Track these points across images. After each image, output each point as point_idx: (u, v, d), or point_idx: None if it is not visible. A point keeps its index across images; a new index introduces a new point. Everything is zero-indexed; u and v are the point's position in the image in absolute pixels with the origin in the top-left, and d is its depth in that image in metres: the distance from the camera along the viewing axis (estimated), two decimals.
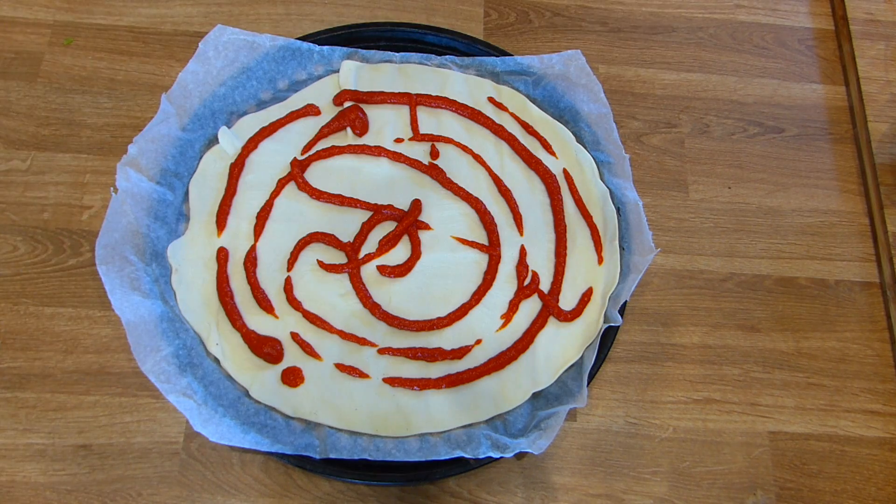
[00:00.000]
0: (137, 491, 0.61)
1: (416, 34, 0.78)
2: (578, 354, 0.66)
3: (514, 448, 0.60)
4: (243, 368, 0.63)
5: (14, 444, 0.61)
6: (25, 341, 0.64)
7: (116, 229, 0.64)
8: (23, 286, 0.66)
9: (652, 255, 0.67)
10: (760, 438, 0.68)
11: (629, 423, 0.67)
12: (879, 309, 0.74)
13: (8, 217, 0.69)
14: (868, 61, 0.84)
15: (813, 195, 0.79)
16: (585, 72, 0.75)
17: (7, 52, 0.75)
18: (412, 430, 0.62)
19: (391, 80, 0.75)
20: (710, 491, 0.66)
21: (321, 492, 0.62)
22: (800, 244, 0.76)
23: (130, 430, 0.63)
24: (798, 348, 0.72)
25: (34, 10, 0.77)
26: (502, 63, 0.76)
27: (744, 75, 0.84)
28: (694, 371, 0.70)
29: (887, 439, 0.69)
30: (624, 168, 0.72)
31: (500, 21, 0.83)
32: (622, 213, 0.71)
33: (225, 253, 0.67)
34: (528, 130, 0.75)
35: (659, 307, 0.72)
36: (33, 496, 0.60)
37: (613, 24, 0.84)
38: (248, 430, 0.60)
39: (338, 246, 0.69)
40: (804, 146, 0.81)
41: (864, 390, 0.71)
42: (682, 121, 0.81)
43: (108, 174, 0.71)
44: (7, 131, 0.71)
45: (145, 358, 0.60)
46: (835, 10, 0.88)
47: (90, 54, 0.75)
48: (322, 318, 0.66)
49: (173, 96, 0.69)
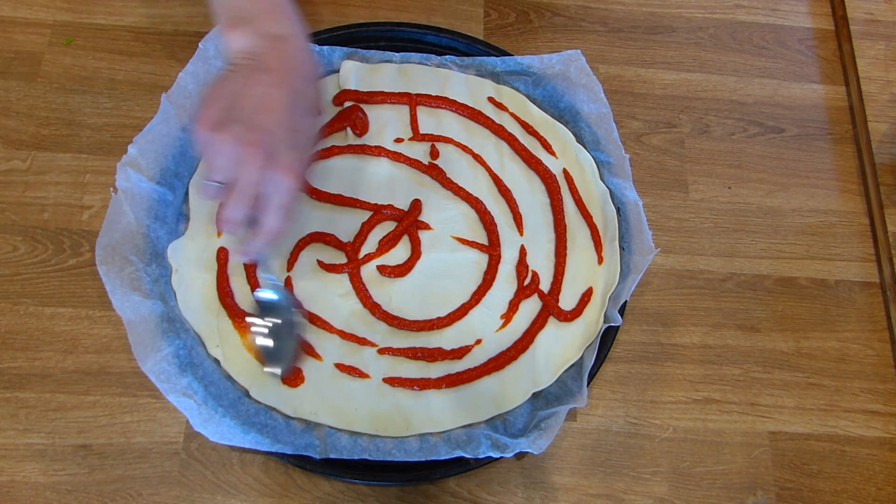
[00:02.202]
0: (137, 491, 0.61)
1: (416, 34, 0.78)
2: (578, 354, 0.66)
3: (514, 448, 0.60)
4: (243, 368, 0.63)
5: (14, 444, 0.61)
6: (25, 341, 0.64)
7: (116, 229, 0.64)
8: (23, 286, 0.66)
9: (652, 255, 0.67)
10: (760, 438, 0.68)
11: (629, 423, 0.67)
12: (879, 309, 0.74)
13: (8, 217, 0.69)
14: (868, 61, 0.84)
15: (813, 195, 0.79)
16: (585, 72, 0.75)
17: (7, 52, 0.75)
18: (412, 430, 0.63)
19: (391, 80, 0.75)
20: (710, 491, 0.66)
21: (321, 492, 0.62)
22: (800, 244, 0.76)
23: (130, 430, 0.63)
24: (798, 348, 0.72)
25: (34, 10, 0.77)
26: (502, 63, 0.76)
27: (744, 75, 0.84)
28: (694, 371, 0.70)
29: (887, 439, 0.69)
30: (624, 168, 0.72)
31: (500, 21, 0.83)
32: (622, 213, 0.71)
33: (225, 253, 0.67)
34: (528, 130, 0.75)
35: (659, 307, 0.72)
36: (33, 496, 0.60)
37: (613, 24, 0.84)
38: (248, 430, 0.60)
39: (338, 246, 0.69)
40: (804, 146, 0.81)
41: (864, 390, 0.71)
42: (682, 121, 0.81)
43: (108, 174, 0.71)
44: (7, 131, 0.71)
45: (145, 358, 0.60)
46: (835, 10, 0.88)
47: (90, 54, 0.75)
48: (322, 317, 0.66)
49: (173, 96, 0.69)
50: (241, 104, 0.54)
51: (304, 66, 0.60)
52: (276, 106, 0.55)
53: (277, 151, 0.55)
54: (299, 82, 0.58)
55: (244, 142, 0.53)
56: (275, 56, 0.57)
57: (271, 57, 0.57)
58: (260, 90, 0.55)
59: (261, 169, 0.54)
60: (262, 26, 0.57)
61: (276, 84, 0.56)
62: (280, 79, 0.56)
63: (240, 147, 0.53)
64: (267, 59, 0.56)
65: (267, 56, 0.56)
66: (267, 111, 0.55)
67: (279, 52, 0.57)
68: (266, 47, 0.57)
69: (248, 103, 0.54)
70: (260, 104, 0.55)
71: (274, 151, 0.54)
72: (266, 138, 0.54)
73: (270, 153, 0.54)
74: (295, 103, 0.57)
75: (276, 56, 0.57)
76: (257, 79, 0.55)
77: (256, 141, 0.54)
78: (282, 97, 0.56)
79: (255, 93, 0.55)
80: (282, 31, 0.58)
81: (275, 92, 0.55)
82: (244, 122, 0.54)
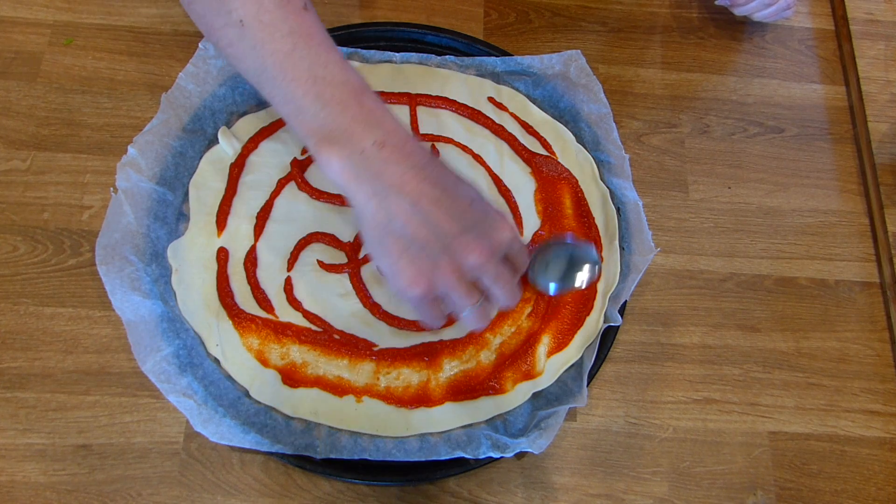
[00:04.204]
0: (137, 491, 0.61)
1: (416, 34, 0.78)
2: (578, 354, 0.66)
3: (515, 448, 0.60)
4: (243, 368, 0.63)
5: (14, 444, 0.61)
6: (25, 341, 0.64)
7: (116, 229, 0.64)
8: (23, 286, 0.66)
9: (652, 254, 0.67)
10: (760, 438, 0.68)
11: (629, 423, 0.67)
12: (879, 309, 0.74)
13: (8, 217, 0.69)
14: (868, 61, 0.84)
15: (813, 195, 0.79)
16: (585, 72, 0.75)
17: (7, 52, 0.75)
18: (412, 430, 0.62)
19: (391, 80, 0.75)
20: (710, 491, 0.66)
21: (321, 492, 0.62)
22: (800, 244, 0.76)
23: (130, 430, 0.63)
24: (798, 348, 0.72)
25: (34, 10, 0.77)
26: (502, 63, 0.76)
27: (744, 75, 0.84)
28: (694, 371, 0.70)
29: (887, 439, 0.69)
30: (624, 168, 0.72)
31: (500, 21, 0.83)
32: (622, 213, 0.71)
33: (225, 253, 0.67)
34: (528, 130, 0.75)
35: (659, 307, 0.72)
36: (33, 496, 0.60)
37: (613, 24, 0.84)
38: (249, 430, 0.60)
39: (338, 246, 0.69)
40: (804, 146, 0.81)
41: (864, 390, 0.71)
42: (682, 121, 0.81)
43: (108, 174, 0.71)
44: (7, 131, 0.71)
45: (145, 358, 0.60)
46: (835, 10, 0.88)
47: (90, 54, 0.75)
48: (322, 317, 0.66)
49: (173, 96, 0.69)
50: (418, 237, 0.50)
51: (416, 151, 0.52)
52: (440, 208, 0.50)
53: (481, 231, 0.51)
54: (427, 168, 0.51)
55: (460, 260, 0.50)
56: (391, 167, 0.50)
57: (389, 170, 0.50)
58: (415, 210, 0.50)
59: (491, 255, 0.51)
60: (361, 140, 0.50)
61: (419, 192, 0.49)
62: (416, 184, 0.49)
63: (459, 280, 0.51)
64: (386, 177, 0.50)
65: (384, 173, 0.50)
66: (441, 220, 0.50)
67: (390, 161, 0.50)
68: (374, 163, 0.50)
69: (422, 233, 0.50)
70: (431, 221, 0.50)
71: (481, 235, 0.51)
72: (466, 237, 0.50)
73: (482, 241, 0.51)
74: (445, 185, 0.51)
75: (390, 167, 0.50)
76: (400, 204, 0.49)
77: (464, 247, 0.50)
78: (436, 196, 0.50)
79: (416, 217, 0.49)
80: (379, 137, 0.50)
81: (426, 199, 0.49)
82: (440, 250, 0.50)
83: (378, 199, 0.50)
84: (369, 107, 0.51)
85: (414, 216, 0.50)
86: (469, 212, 0.52)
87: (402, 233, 0.50)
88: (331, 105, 0.50)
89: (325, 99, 0.50)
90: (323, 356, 0.64)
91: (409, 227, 0.50)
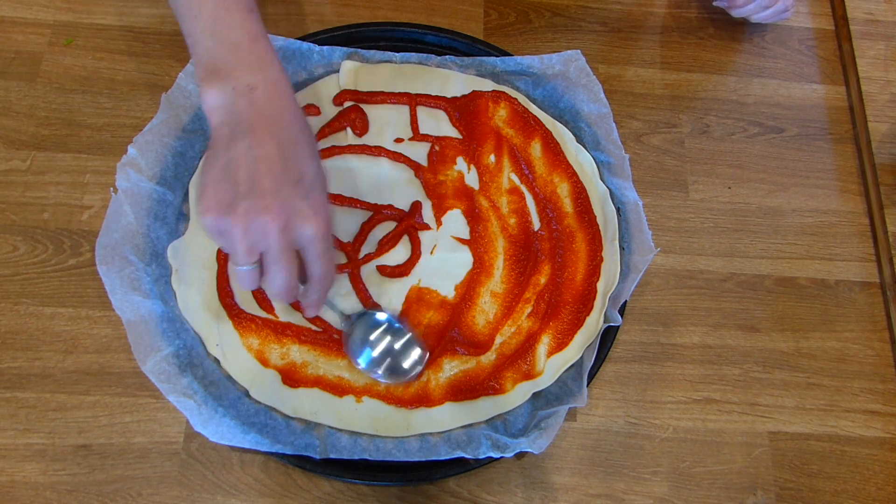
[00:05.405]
0: (137, 491, 0.61)
1: (416, 34, 0.78)
2: (578, 354, 0.66)
3: (515, 448, 0.60)
4: (243, 368, 0.63)
5: (14, 444, 0.61)
6: (25, 341, 0.64)
7: (116, 229, 0.64)
8: (23, 286, 0.66)
9: (652, 254, 0.67)
10: (760, 438, 0.68)
11: (629, 423, 0.67)
12: (879, 309, 0.74)
13: (8, 217, 0.69)
14: (868, 61, 0.84)
15: (813, 195, 0.79)
16: (585, 72, 0.75)
17: (7, 52, 0.75)
18: (412, 430, 0.63)
19: (391, 80, 0.75)
20: (710, 491, 0.66)
21: (321, 492, 0.62)
22: (800, 244, 0.76)
23: (130, 430, 0.63)
24: (798, 348, 0.72)
25: (34, 10, 0.77)
26: (502, 63, 0.76)
27: (744, 75, 0.84)
28: (694, 371, 0.70)
29: (887, 439, 0.69)
30: (624, 168, 0.72)
31: (500, 21, 0.83)
32: (622, 213, 0.71)
33: (225, 253, 0.67)
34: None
35: (659, 307, 0.72)
36: (33, 496, 0.60)
37: (613, 24, 0.84)
38: (248, 431, 0.60)
39: (338, 246, 0.69)
40: (804, 146, 0.81)
41: (864, 390, 0.71)
42: (682, 121, 0.81)
43: (108, 174, 0.71)
44: (7, 131, 0.71)
45: (145, 358, 0.60)
46: (835, 10, 0.88)
47: (90, 54, 0.75)
48: (322, 317, 0.66)
49: (173, 96, 0.69)
50: (236, 178, 0.52)
51: (284, 111, 0.56)
52: (270, 166, 0.53)
53: (292, 208, 0.53)
54: (283, 130, 0.55)
55: (255, 215, 0.51)
56: (251, 112, 0.54)
57: (247, 114, 0.54)
58: (248, 156, 0.52)
59: (283, 232, 0.52)
60: (237, 79, 0.54)
61: (262, 143, 0.53)
62: (263, 136, 0.53)
63: (253, 223, 0.52)
64: (244, 119, 0.54)
65: (242, 115, 0.54)
66: (264, 174, 0.52)
67: (254, 107, 0.54)
68: (240, 104, 0.54)
69: (242, 174, 0.52)
70: (254, 170, 0.52)
71: (288, 210, 0.52)
72: (274, 202, 0.52)
73: (285, 213, 0.52)
74: (288, 152, 0.54)
75: (252, 112, 0.54)
76: (241, 144, 0.53)
77: (266, 208, 0.51)
78: (272, 154, 0.53)
79: (245, 160, 0.52)
80: (255, 81, 0.54)
81: (263, 152, 0.53)
82: (246, 195, 0.52)
83: (227, 129, 0.54)
84: (259, 53, 0.55)
85: (243, 158, 0.53)
86: (291, 184, 0.54)
87: (227, 167, 0.53)
88: (224, 44, 0.55)
89: (219, 37, 0.55)
90: (323, 356, 0.64)
91: (232, 164, 0.53)
